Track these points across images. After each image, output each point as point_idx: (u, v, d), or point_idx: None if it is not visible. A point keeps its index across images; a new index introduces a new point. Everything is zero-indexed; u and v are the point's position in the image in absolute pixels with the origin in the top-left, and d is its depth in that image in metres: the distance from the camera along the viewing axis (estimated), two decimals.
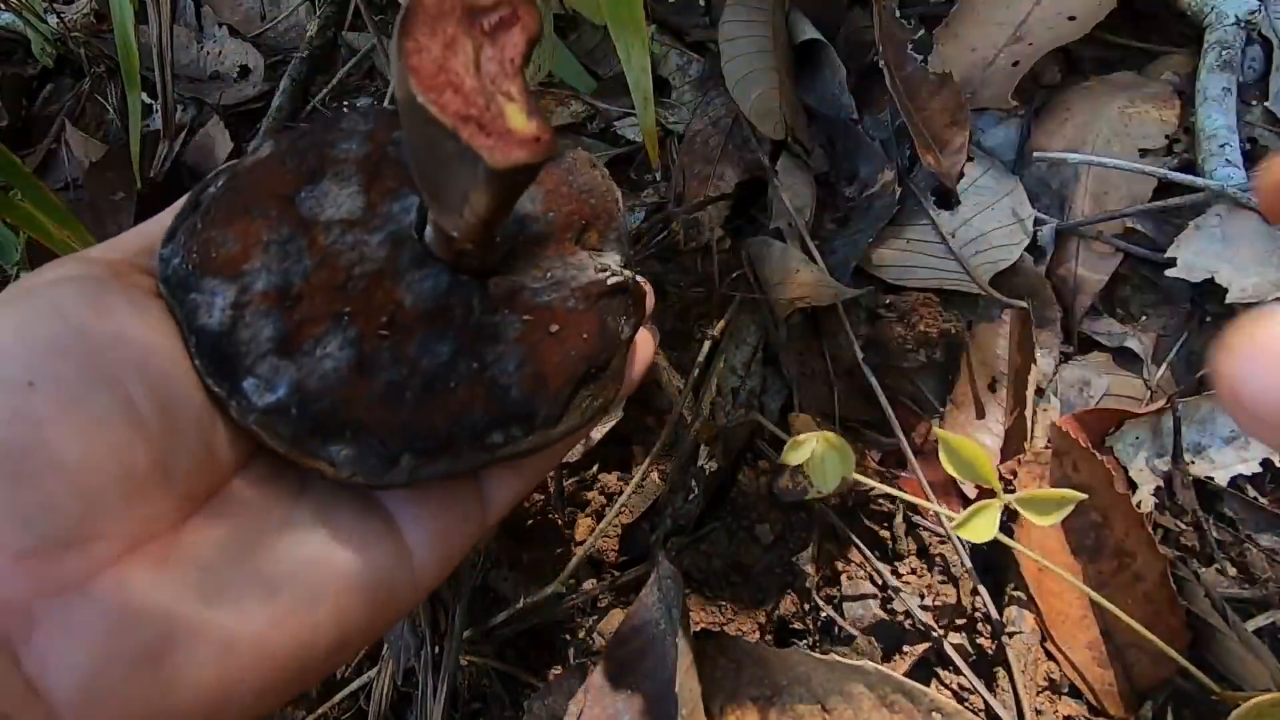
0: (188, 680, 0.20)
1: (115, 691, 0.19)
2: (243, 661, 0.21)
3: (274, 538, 0.23)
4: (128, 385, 0.22)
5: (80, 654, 0.19)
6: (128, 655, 0.19)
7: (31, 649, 0.19)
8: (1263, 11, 0.60)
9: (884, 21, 0.58)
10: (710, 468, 0.52)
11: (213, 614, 0.21)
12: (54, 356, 0.21)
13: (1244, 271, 0.51)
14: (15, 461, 0.19)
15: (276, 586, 0.22)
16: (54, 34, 0.86)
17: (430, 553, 0.25)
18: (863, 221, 0.58)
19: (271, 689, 0.22)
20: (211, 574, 0.21)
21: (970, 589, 0.49)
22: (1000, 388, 0.54)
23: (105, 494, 0.20)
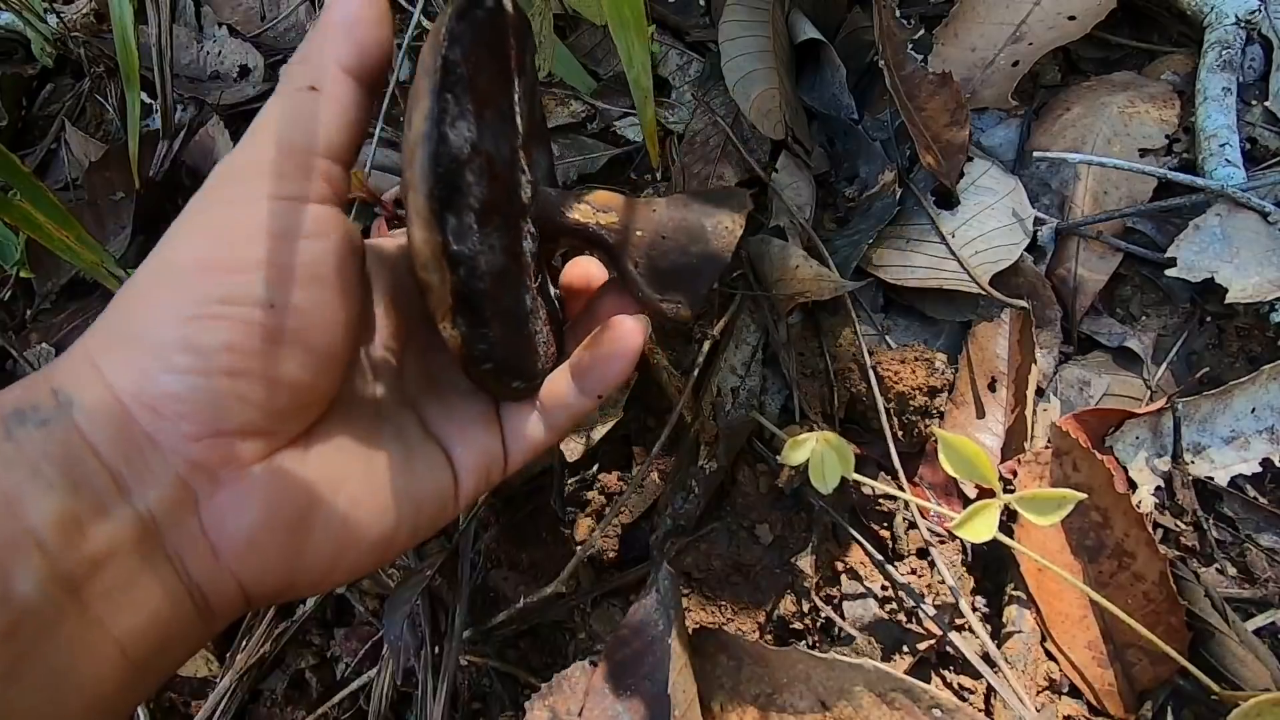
0: (318, 543, 0.27)
1: (268, 544, 0.26)
2: (354, 536, 0.28)
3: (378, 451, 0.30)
4: (340, 321, 0.27)
5: (249, 515, 0.26)
6: (280, 520, 0.26)
7: (214, 505, 0.25)
8: (1263, 11, 0.60)
9: (884, 21, 0.58)
10: (710, 468, 0.52)
11: (337, 500, 0.28)
12: (291, 285, 0.26)
13: (1244, 271, 0.51)
14: (241, 364, 0.25)
15: (378, 488, 0.29)
16: (54, 34, 0.86)
17: (469, 483, 0.33)
18: (863, 221, 0.58)
19: (367, 557, 0.29)
20: (339, 468, 0.28)
21: (970, 589, 0.49)
22: (1000, 388, 0.54)
23: (288, 407, 0.26)
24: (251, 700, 0.55)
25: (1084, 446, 0.48)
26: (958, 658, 0.47)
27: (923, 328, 0.57)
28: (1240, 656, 0.42)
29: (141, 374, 0.24)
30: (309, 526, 0.27)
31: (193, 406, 0.24)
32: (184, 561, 0.25)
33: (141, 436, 0.24)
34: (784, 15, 0.64)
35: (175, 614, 0.25)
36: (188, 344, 0.24)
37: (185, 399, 0.24)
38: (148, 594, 0.24)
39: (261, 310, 0.25)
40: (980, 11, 0.63)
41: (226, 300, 0.25)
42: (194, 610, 0.26)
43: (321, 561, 0.28)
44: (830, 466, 0.44)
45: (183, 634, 0.26)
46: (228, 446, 0.25)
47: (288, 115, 0.27)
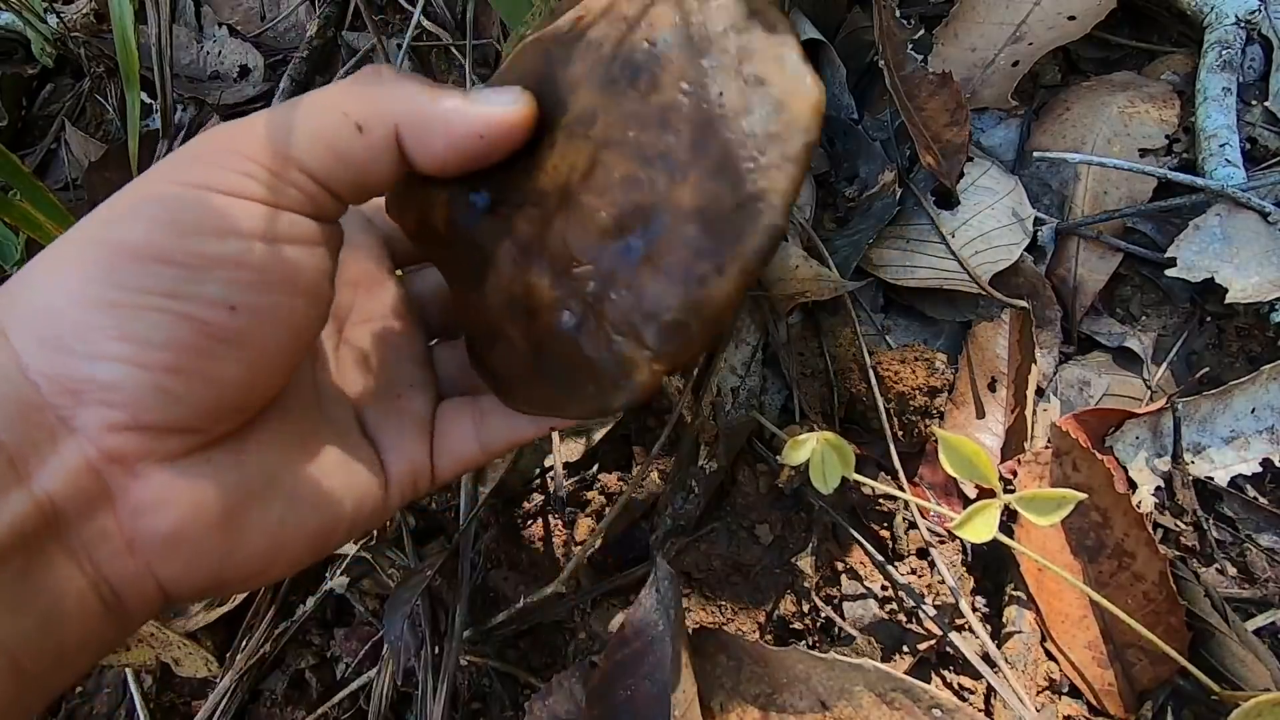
0: (250, 541, 0.26)
1: (194, 543, 0.25)
2: (289, 534, 0.27)
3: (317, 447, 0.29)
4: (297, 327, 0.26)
5: (172, 511, 0.24)
6: (206, 517, 0.25)
7: (129, 500, 0.24)
8: (1263, 11, 0.60)
9: (884, 21, 0.58)
10: (710, 468, 0.52)
11: (272, 497, 0.27)
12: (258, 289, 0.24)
13: (1244, 271, 0.51)
14: (183, 361, 0.23)
15: (316, 485, 0.28)
16: (54, 34, 0.86)
17: (395, 492, 0.32)
18: (863, 222, 0.58)
19: (303, 554, 0.28)
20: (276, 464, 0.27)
21: (970, 589, 0.49)
22: (1000, 388, 0.54)
23: (229, 405, 0.25)
24: (251, 700, 0.55)
25: (1084, 446, 0.48)
26: (958, 658, 0.47)
27: (923, 328, 0.57)
28: (1240, 656, 0.42)
29: (65, 356, 0.22)
30: (240, 525, 0.26)
31: (120, 396, 0.23)
32: (91, 556, 0.23)
33: (53, 418, 0.23)
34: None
35: (77, 613, 0.23)
36: (124, 332, 0.22)
37: (112, 387, 0.23)
38: (41, 592, 0.22)
39: (220, 311, 0.23)
40: (980, 11, 0.63)
41: (177, 295, 0.23)
42: (101, 609, 0.24)
43: (254, 559, 0.26)
44: (830, 466, 0.44)
45: (87, 636, 0.24)
46: (151, 440, 0.23)
47: (300, 127, 0.25)
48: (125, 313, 0.23)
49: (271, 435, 0.27)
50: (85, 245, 0.23)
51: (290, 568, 0.28)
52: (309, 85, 0.78)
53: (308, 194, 0.25)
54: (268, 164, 0.25)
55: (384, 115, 0.26)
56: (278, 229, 0.25)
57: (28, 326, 0.23)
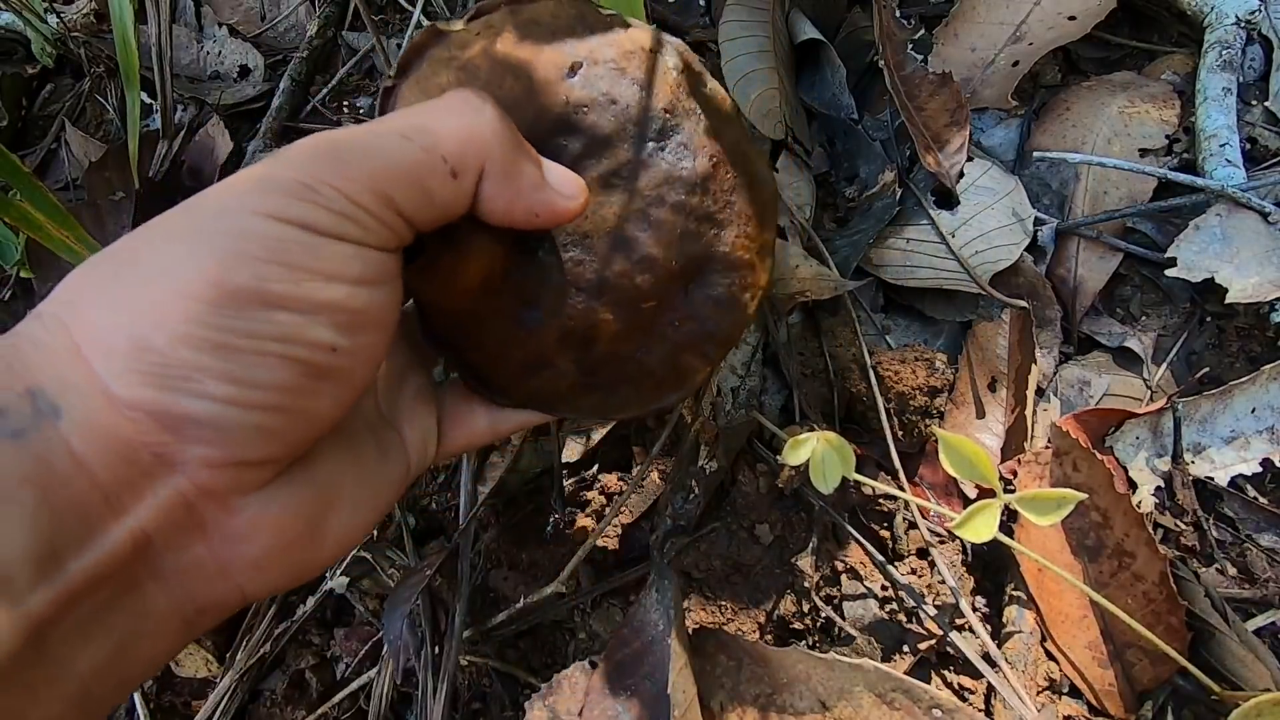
0: (326, 547, 0.28)
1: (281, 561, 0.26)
2: (357, 534, 0.29)
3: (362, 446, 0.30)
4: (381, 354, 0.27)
5: (262, 539, 0.25)
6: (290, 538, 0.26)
7: (225, 533, 0.24)
8: (1263, 11, 0.60)
9: (884, 21, 0.58)
10: (710, 468, 0.52)
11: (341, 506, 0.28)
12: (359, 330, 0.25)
13: (1244, 271, 0.51)
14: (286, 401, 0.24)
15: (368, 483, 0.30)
16: (54, 34, 0.86)
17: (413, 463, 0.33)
18: (863, 221, 0.58)
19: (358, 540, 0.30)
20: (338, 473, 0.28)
21: (970, 589, 0.49)
22: (1000, 388, 0.54)
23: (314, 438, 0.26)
24: (251, 700, 0.55)
25: (1084, 446, 0.48)
26: (958, 658, 0.47)
27: (923, 328, 0.57)
28: (1240, 656, 0.42)
29: (165, 391, 0.22)
30: (320, 537, 0.27)
31: (219, 435, 0.23)
32: (182, 583, 0.24)
33: (146, 454, 0.22)
34: (784, 15, 0.64)
35: (154, 633, 0.24)
36: (231, 375, 0.22)
37: (212, 426, 0.22)
38: (123, 619, 0.23)
39: (323, 353, 0.24)
40: (980, 11, 0.63)
41: (286, 339, 0.23)
42: (180, 624, 0.25)
43: (330, 558, 0.28)
44: (830, 466, 0.44)
45: (157, 654, 0.24)
46: (244, 473, 0.24)
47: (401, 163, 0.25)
48: (232, 356, 0.22)
49: (330, 446, 0.28)
50: (182, 274, 0.22)
51: (343, 555, 0.32)
52: (309, 85, 0.78)
53: (396, 231, 0.26)
54: (367, 204, 0.25)
55: (475, 162, 0.27)
56: (374, 271, 0.25)
57: (120, 359, 0.22)
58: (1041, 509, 0.41)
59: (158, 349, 0.22)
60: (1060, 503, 0.41)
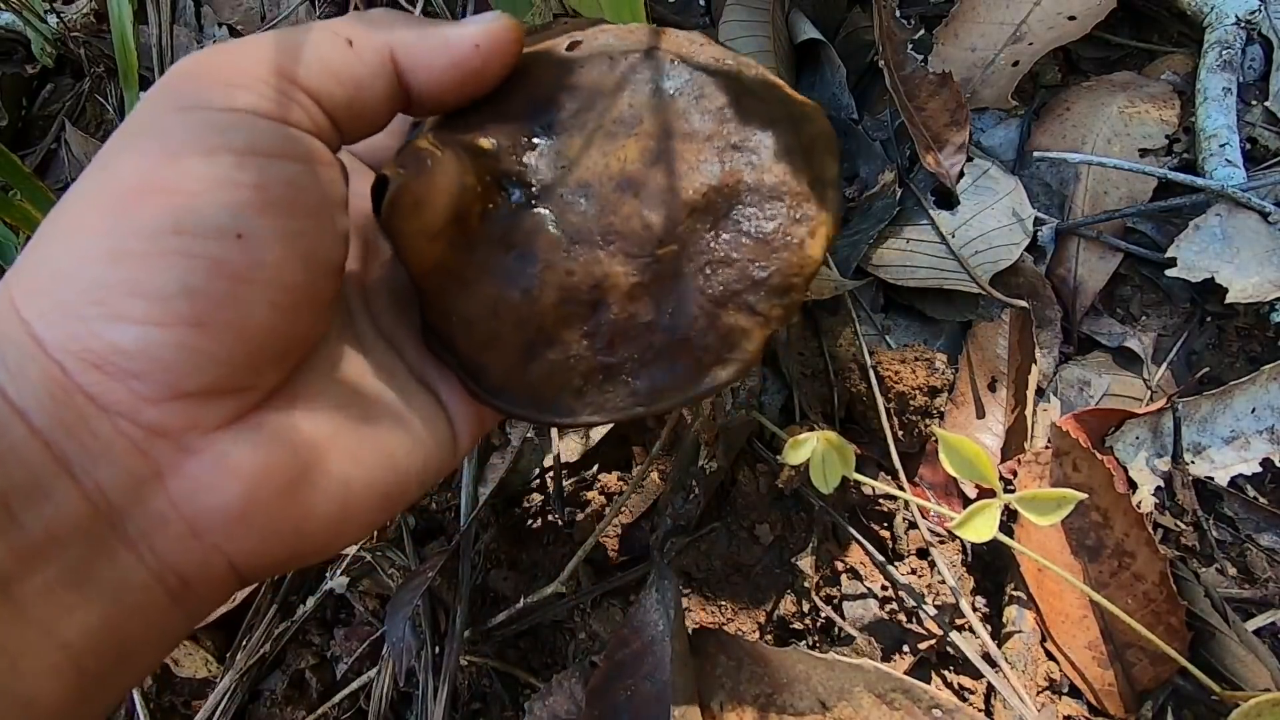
0: (320, 507, 0.24)
1: (263, 517, 0.22)
2: (358, 495, 0.25)
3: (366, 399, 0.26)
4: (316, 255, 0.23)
5: (233, 484, 0.22)
6: (271, 487, 0.22)
7: (183, 478, 0.21)
8: (1263, 11, 0.60)
9: (884, 21, 0.58)
10: (710, 468, 0.52)
11: (334, 458, 0.24)
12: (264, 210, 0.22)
13: (1244, 271, 0.51)
14: (206, 311, 0.21)
15: (378, 440, 0.26)
16: (54, 34, 0.86)
17: (464, 426, 0.29)
18: (863, 221, 0.58)
19: (375, 515, 0.26)
20: (332, 421, 0.25)
21: (970, 589, 0.49)
22: (1000, 388, 0.54)
23: (268, 355, 0.23)
24: (251, 700, 0.55)
25: (1084, 446, 0.48)
26: (958, 658, 0.47)
27: (923, 328, 0.57)
28: (1240, 656, 0.42)
29: (80, 324, 0.20)
30: (307, 492, 0.23)
31: (147, 363, 0.20)
32: (152, 545, 0.21)
33: (83, 400, 0.20)
34: (784, 15, 0.64)
35: (141, 607, 0.21)
36: (135, 287, 0.20)
37: (137, 355, 0.20)
38: (101, 587, 0.20)
39: (226, 241, 0.21)
40: (980, 11, 0.63)
41: (180, 229, 0.20)
42: (167, 600, 0.22)
43: (327, 526, 0.24)
44: (831, 466, 0.44)
45: (151, 630, 0.22)
46: (194, 408, 0.21)
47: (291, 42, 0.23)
48: (134, 262, 0.20)
49: (321, 391, 0.25)
50: (88, 196, 0.21)
51: (363, 531, 0.26)
52: None
53: (310, 114, 0.23)
54: (269, 80, 0.23)
55: (378, 37, 0.25)
56: (267, 141, 0.22)
57: (40, 297, 0.20)
58: (1041, 509, 0.41)
59: (68, 276, 0.20)
60: (1060, 503, 0.41)
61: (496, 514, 0.55)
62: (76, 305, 0.20)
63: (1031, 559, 0.46)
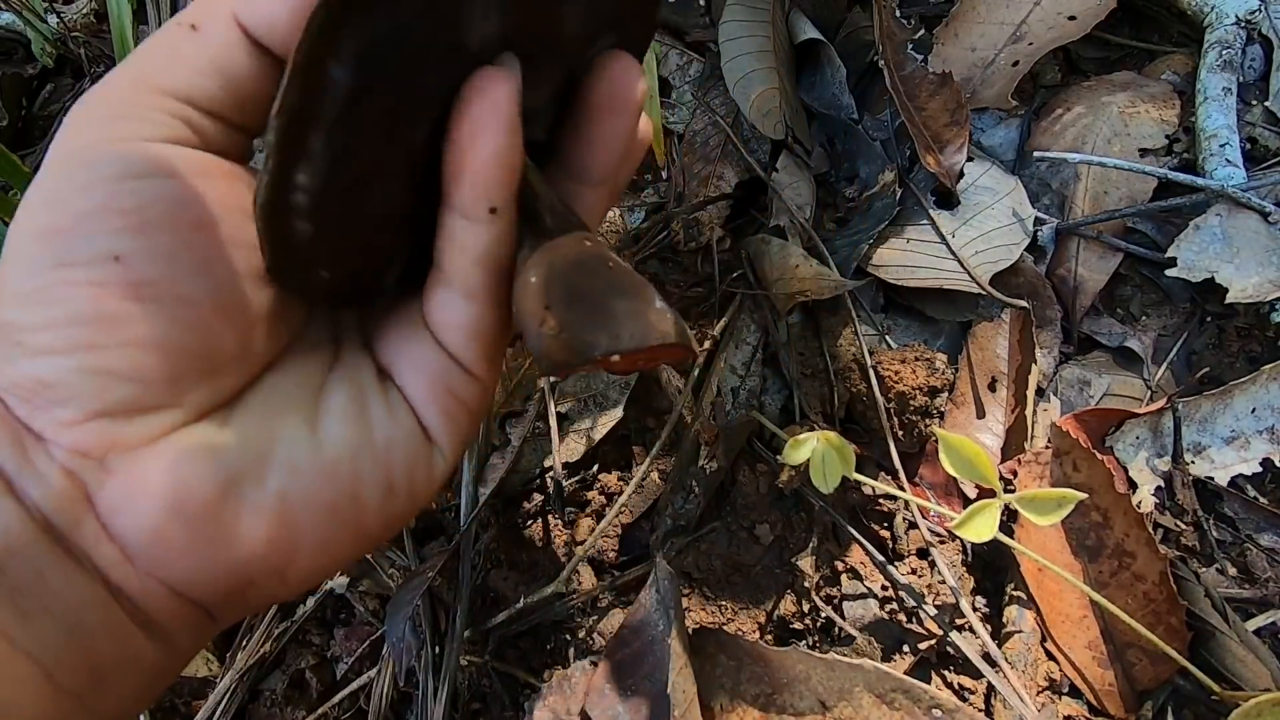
0: (249, 531, 0.22)
1: (180, 537, 0.22)
2: (298, 511, 0.23)
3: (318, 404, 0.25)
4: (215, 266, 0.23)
5: (147, 502, 0.21)
6: (189, 505, 0.22)
7: (105, 496, 0.21)
8: (1263, 11, 0.60)
9: (884, 21, 0.58)
10: (710, 468, 0.52)
11: (266, 468, 0.23)
12: (141, 230, 0.21)
13: (1244, 271, 0.51)
14: (99, 333, 0.21)
15: (322, 447, 0.24)
16: (54, 34, 0.86)
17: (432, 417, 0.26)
18: (863, 222, 0.58)
19: (324, 531, 0.24)
20: (266, 431, 0.23)
21: (970, 589, 0.49)
22: (1000, 387, 0.54)
23: (187, 370, 0.22)
24: (251, 700, 0.55)
25: (1084, 446, 0.48)
26: (958, 658, 0.47)
27: (923, 328, 0.57)
28: (1240, 656, 0.42)
29: (6, 364, 0.21)
30: (231, 507, 0.22)
31: (63, 390, 0.21)
32: (96, 565, 0.22)
33: (20, 429, 0.21)
34: (784, 15, 0.64)
35: (105, 626, 0.22)
36: (38, 322, 0.21)
37: (52, 383, 0.21)
38: (57, 601, 0.21)
39: (105, 266, 0.21)
40: (980, 11, 0.63)
41: (61, 263, 0.21)
42: (135, 626, 0.22)
43: (267, 547, 0.23)
44: (831, 466, 0.44)
45: (123, 653, 0.22)
46: (111, 428, 0.21)
47: (148, 50, 0.23)
48: (37, 299, 0.21)
49: (264, 402, 0.24)
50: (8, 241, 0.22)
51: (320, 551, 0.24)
52: None
53: (187, 119, 0.23)
54: (136, 100, 0.22)
55: (219, 8, 0.23)
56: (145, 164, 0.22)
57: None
58: (1041, 509, 0.41)
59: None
60: (1060, 503, 0.41)
61: (496, 514, 0.55)
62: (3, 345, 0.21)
63: (1031, 559, 0.46)
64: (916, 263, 0.56)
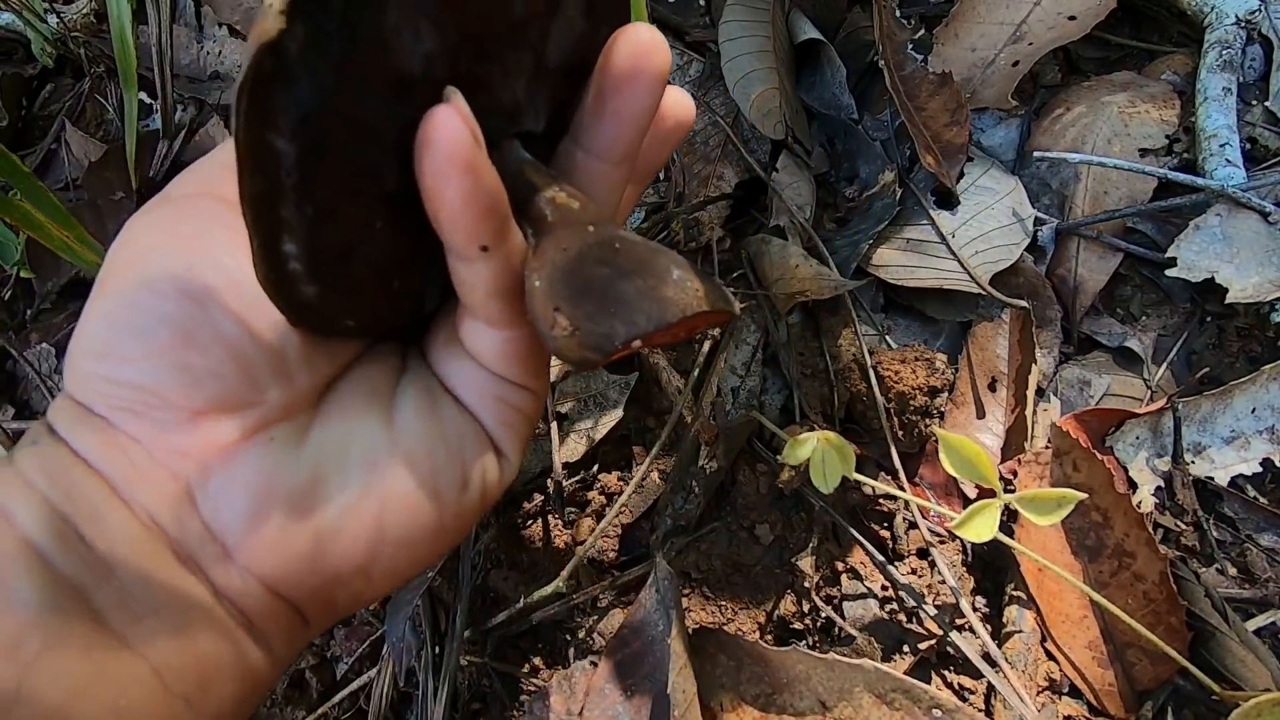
0: (334, 524, 0.24)
1: (272, 528, 0.23)
2: (377, 510, 0.24)
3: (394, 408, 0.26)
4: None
5: (241, 496, 0.23)
6: (279, 497, 0.23)
7: (207, 495, 0.23)
8: (1263, 11, 0.60)
9: (884, 21, 0.58)
10: (710, 468, 0.52)
11: (344, 467, 0.24)
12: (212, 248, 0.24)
13: (1244, 271, 0.51)
14: (184, 331, 0.23)
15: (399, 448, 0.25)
16: (54, 34, 0.86)
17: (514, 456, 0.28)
18: (863, 221, 0.58)
19: (415, 548, 0.25)
20: (346, 432, 0.25)
21: (970, 589, 0.49)
22: (1000, 388, 0.54)
23: (263, 368, 0.23)
24: None
25: (1084, 446, 0.48)
26: (958, 658, 0.47)
27: (923, 328, 0.57)
28: (1240, 656, 0.42)
29: (102, 381, 0.23)
30: (317, 500, 0.23)
31: (157, 394, 0.23)
32: (201, 566, 0.23)
33: (125, 440, 0.23)
34: (784, 15, 0.64)
35: (211, 626, 0.23)
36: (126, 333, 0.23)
37: (148, 388, 0.22)
38: (168, 601, 0.22)
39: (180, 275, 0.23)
40: (980, 11, 0.63)
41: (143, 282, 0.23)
42: (239, 628, 0.23)
43: (352, 545, 0.24)
44: (831, 466, 0.44)
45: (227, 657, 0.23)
46: (208, 427, 0.23)
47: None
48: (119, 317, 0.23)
49: (342, 404, 0.25)
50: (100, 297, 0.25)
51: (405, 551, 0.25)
52: None
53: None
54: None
55: None
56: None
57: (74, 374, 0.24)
58: (1041, 509, 0.41)
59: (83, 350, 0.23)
60: (1060, 503, 0.41)
61: (496, 514, 0.55)
62: (94, 367, 0.23)
63: (1031, 559, 0.46)
64: (916, 263, 0.56)
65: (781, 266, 0.55)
